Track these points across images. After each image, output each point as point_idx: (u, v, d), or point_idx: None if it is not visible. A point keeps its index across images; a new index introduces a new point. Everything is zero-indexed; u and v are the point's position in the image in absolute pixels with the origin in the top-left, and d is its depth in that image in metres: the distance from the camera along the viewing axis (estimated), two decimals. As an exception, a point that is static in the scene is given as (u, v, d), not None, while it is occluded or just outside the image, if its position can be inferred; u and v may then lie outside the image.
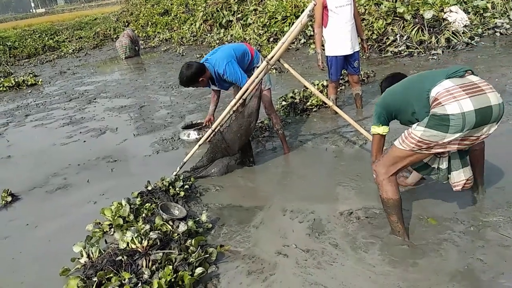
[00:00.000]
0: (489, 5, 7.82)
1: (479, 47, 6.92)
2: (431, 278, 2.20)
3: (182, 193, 3.43)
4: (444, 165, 2.44)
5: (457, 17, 7.28)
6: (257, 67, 3.48)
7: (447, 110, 2.12)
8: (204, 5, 12.83)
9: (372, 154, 2.75)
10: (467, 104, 2.10)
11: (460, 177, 2.43)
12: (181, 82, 3.75)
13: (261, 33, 10.37)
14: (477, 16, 7.76)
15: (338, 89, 5.79)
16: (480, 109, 2.12)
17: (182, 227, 2.81)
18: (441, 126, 2.16)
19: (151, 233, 2.73)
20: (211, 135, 3.71)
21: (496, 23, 7.48)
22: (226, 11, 12.01)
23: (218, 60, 3.65)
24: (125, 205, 3.20)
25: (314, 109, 5.20)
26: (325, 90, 5.59)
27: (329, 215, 2.92)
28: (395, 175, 2.46)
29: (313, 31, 9.26)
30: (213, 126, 3.68)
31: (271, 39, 10.00)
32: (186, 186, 3.53)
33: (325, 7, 4.32)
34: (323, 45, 4.57)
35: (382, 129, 2.60)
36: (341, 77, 5.12)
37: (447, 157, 2.43)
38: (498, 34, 7.31)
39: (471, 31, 7.30)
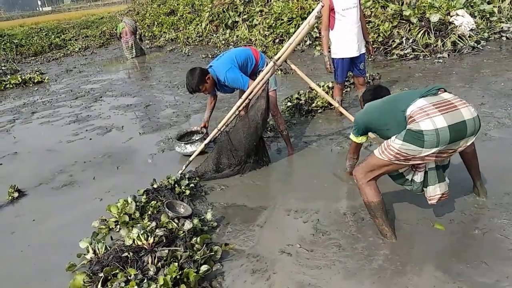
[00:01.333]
0: (495, 10, 7.81)
1: (485, 51, 6.91)
2: (436, 284, 2.20)
3: (187, 192, 3.46)
4: (418, 179, 2.51)
5: (463, 21, 7.28)
6: (262, 70, 3.52)
7: (420, 127, 2.20)
8: (210, 5, 12.87)
9: (347, 156, 3.21)
10: (439, 120, 2.18)
11: (435, 191, 2.49)
12: (191, 84, 3.77)
13: (267, 34, 10.40)
14: (484, 20, 7.75)
15: (344, 91, 5.81)
16: (453, 125, 2.18)
17: (188, 225, 2.83)
18: (416, 140, 2.23)
19: (157, 230, 2.76)
20: (217, 135, 3.74)
21: (502, 28, 7.47)
22: (232, 12, 12.04)
23: (219, 67, 3.77)
24: (131, 202, 3.23)
25: (319, 111, 5.22)
26: (331, 91, 5.60)
27: (333, 216, 2.94)
28: (374, 180, 2.53)
29: (319, 33, 9.31)
30: (219, 126, 3.71)
31: (277, 40, 10.02)
32: (192, 185, 3.56)
33: (332, 10, 4.33)
34: (329, 48, 4.59)
35: (359, 139, 2.82)
36: (346, 79, 5.13)
37: (423, 171, 2.49)
38: (504, 38, 7.30)
39: (477, 35, 7.30)
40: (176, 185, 3.52)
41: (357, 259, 2.46)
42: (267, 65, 3.61)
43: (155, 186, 3.55)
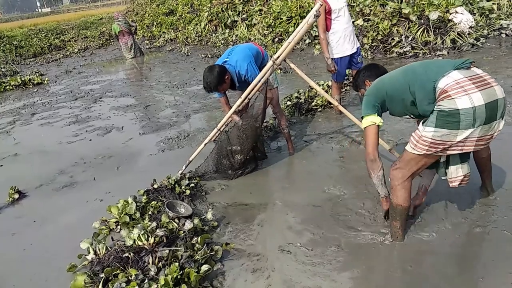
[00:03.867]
0: (494, 7, 7.80)
1: (484, 48, 6.90)
2: (441, 285, 2.20)
3: (188, 192, 3.46)
4: (441, 159, 2.37)
5: (462, 18, 7.27)
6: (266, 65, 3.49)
7: (457, 105, 2.04)
8: (209, 5, 12.86)
9: (368, 152, 2.44)
10: (477, 98, 2.03)
11: (458, 172, 2.35)
12: (210, 84, 3.52)
13: (266, 34, 10.39)
14: (483, 17, 7.74)
15: (343, 90, 5.81)
16: (489, 103, 2.06)
17: (188, 225, 2.83)
18: (451, 123, 2.08)
19: (157, 231, 2.76)
20: (216, 134, 3.74)
21: (501, 25, 7.46)
22: (231, 11, 12.03)
23: (239, 61, 3.61)
24: (132, 202, 3.23)
25: (319, 109, 5.22)
26: (330, 90, 5.59)
27: (334, 215, 2.94)
28: (411, 179, 2.39)
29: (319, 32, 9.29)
30: (219, 125, 3.70)
31: (276, 40, 10.02)
32: (192, 185, 3.57)
33: (328, 12, 4.36)
34: None
35: (379, 119, 2.41)
36: (346, 78, 5.14)
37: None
38: (503, 35, 7.29)
39: (477, 32, 7.29)
40: (176, 185, 3.52)
41: (357, 259, 2.46)
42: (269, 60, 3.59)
43: (155, 186, 3.56)
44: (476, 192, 2.91)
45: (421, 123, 2.28)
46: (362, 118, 2.47)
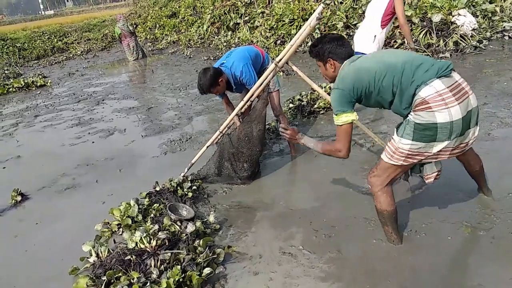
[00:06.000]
0: (497, 9, 7.79)
1: (487, 50, 6.88)
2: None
3: (190, 194, 3.45)
4: None
5: (465, 21, 7.25)
6: (267, 68, 3.49)
7: (436, 118, 2.06)
8: (211, 7, 12.89)
9: (343, 152, 2.40)
10: (456, 112, 2.05)
11: (432, 169, 2.36)
12: (203, 85, 3.58)
13: (268, 36, 10.40)
14: (486, 20, 7.72)
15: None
16: (465, 115, 2.10)
17: (190, 228, 2.83)
18: (428, 136, 2.10)
19: (159, 233, 2.75)
20: (219, 137, 3.73)
21: (504, 27, 7.44)
22: (234, 13, 12.06)
23: (235, 63, 3.63)
24: (134, 205, 3.22)
25: (322, 112, 5.21)
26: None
27: (336, 218, 2.93)
28: (390, 184, 2.40)
29: (321, 34, 9.29)
30: (221, 128, 3.70)
31: (278, 42, 10.03)
32: (194, 187, 3.56)
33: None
34: None
35: (355, 115, 2.32)
36: None
37: None
38: (506, 37, 7.26)
39: (480, 34, 7.27)
40: (178, 188, 3.52)
41: (359, 262, 2.45)
42: (271, 63, 3.59)
43: (157, 188, 3.55)
44: (474, 193, 2.91)
45: (395, 131, 2.28)
46: (336, 114, 2.34)
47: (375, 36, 4.27)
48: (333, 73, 2.49)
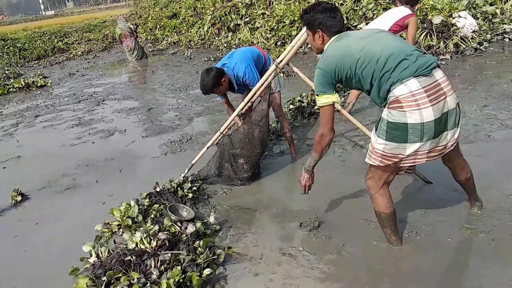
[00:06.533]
0: (498, 11, 7.80)
1: (487, 52, 6.89)
2: None
3: (190, 195, 3.46)
4: None
5: (465, 23, 7.26)
6: (268, 69, 3.50)
7: (407, 119, 2.05)
8: (212, 8, 12.90)
9: (325, 134, 2.37)
10: (428, 114, 2.02)
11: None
12: (206, 85, 3.59)
13: (269, 37, 10.42)
14: (486, 22, 7.74)
15: (345, 93, 5.82)
16: (439, 117, 2.06)
17: (190, 229, 2.83)
18: (399, 137, 2.09)
19: (159, 234, 2.75)
20: (219, 138, 3.73)
21: (505, 29, 7.45)
22: (234, 14, 12.07)
23: (237, 63, 3.64)
24: (134, 205, 3.23)
25: (322, 113, 5.20)
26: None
27: (337, 219, 2.93)
28: (387, 186, 2.38)
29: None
30: (221, 128, 3.70)
31: (279, 43, 10.04)
32: (194, 188, 3.57)
33: None
34: None
35: (336, 96, 2.30)
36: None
37: None
38: (507, 40, 7.27)
39: (480, 36, 7.28)
40: (178, 188, 3.52)
41: (359, 263, 2.45)
42: (272, 64, 3.60)
43: (157, 189, 3.55)
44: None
45: (373, 130, 2.28)
46: (317, 94, 2.33)
47: None
48: (320, 45, 2.42)
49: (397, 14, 4.46)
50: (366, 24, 5.69)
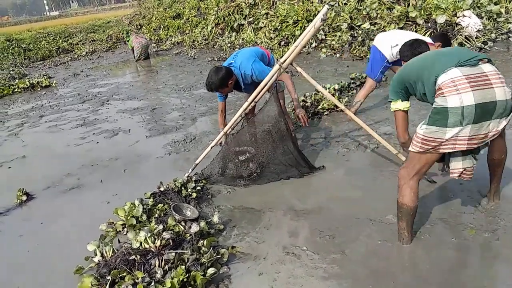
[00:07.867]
0: (502, 10, 7.76)
1: (492, 52, 6.86)
2: None
3: (194, 195, 3.46)
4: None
5: (470, 22, 7.24)
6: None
7: (447, 103, 2.11)
8: (216, 9, 12.92)
9: (398, 135, 2.65)
10: (468, 98, 2.07)
11: (457, 164, 2.33)
12: (212, 84, 3.59)
13: (273, 37, 10.41)
14: (491, 21, 7.70)
15: (349, 93, 5.83)
16: (481, 104, 2.08)
17: (194, 228, 2.84)
18: (439, 120, 2.15)
19: (164, 233, 2.76)
20: (222, 138, 3.74)
21: (509, 28, 7.41)
22: (238, 14, 12.08)
23: (243, 62, 3.66)
24: (138, 205, 3.24)
25: (326, 113, 5.21)
26: (337, 94, 5.60)
27: (341, 219, 2.93)
28: (417, 180, 2.39)
29: (325, 35, 9.30)
30: (225, 129, 3.71)
31: (282, 43, 10.04)
32: (198, 188, 3.57)
33: None
34: None
35: (402, 105, 2.51)
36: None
37: None
38: (511, 39, 7.24)
39: (484, 36, 7.25)
40: (183, 188, 3.53)
41: (363, 263, 2.45)
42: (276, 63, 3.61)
43: (162, 189, 3.57)
44: (479, 194, 2.91)
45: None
46: (389, 101, 2.59)
47: (397, 45, 4.24)
48: None
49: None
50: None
